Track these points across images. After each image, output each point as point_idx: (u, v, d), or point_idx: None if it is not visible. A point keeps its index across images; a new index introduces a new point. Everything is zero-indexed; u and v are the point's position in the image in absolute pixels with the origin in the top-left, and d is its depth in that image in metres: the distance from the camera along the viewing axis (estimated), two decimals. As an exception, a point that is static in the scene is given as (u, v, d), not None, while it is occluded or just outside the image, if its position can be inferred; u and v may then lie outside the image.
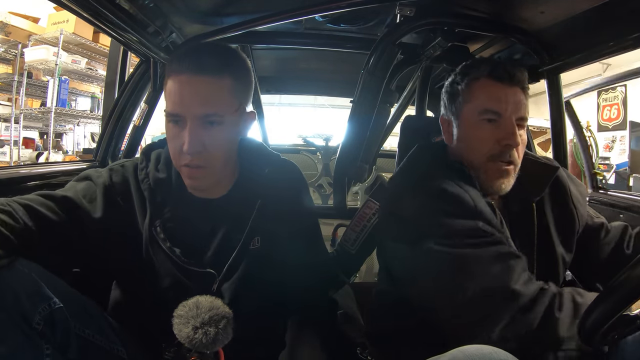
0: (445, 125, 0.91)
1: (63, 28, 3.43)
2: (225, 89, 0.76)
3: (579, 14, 0.91)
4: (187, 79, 0.74)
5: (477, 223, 0.75)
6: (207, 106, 0.74)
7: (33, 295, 0.62)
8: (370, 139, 1.12)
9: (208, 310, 0.71)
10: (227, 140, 0.79)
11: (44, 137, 4.18)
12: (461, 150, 0.88)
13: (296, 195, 0.91)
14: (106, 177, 0.83)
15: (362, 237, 1.08)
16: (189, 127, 0.74)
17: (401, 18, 1.03)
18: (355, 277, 1.12)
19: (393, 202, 0.87)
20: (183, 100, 0.74)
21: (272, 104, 5.59)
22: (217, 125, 0.76)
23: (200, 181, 0.79)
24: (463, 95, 0.86)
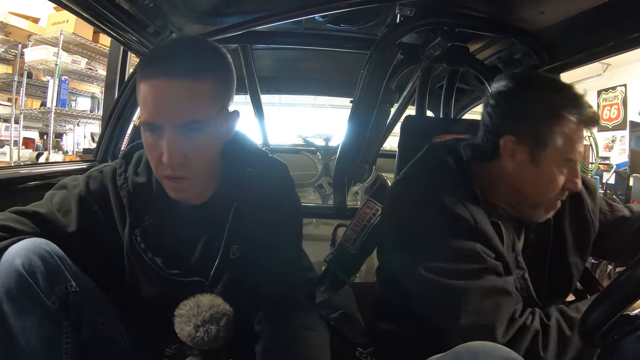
0: (510, 147, 0.76)
1: (63, 28, 3.43)
2: (205, 92, 0.69)
3: (579, 14, 0.91)
4: (163, 85, 0.67)
5: (475, 245, 0.72)
6: (186, 113, 0.68)
7: (52, 275, 0.63)
8: (370, 139, 1.12)
9: (209, 308, 0.71)
10: (211, 147, 0.74)
11: (44, 137, 4.17)
12: (515, 184, 0.78)
13: (278, 197, 0.82)
14: (82, 186, 0.79)
15: (362, 237, 1.08)
16: (167, 136, 0.67)
17: (401, 18, 1.04)
18: (355, 277, 1.11)
19: (394, 206, 0.85)
20: (159, 108, 0.67)
21: (272, 104, 5.59)
22: (198, 132, 0.69)
23: (186, 193, 0.74)
24: (546, 136, 0.73)
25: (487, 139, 0.79)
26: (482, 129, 0.81)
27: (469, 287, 0.70)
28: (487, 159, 0.80)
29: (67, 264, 0.66)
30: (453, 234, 0.73)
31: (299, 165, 2.20)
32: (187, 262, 0.79)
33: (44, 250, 0.64)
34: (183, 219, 0.79)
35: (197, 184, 0.75)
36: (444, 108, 1.49)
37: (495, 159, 0.79)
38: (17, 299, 0.61)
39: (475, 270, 0.71)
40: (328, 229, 1.74)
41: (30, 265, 0.62)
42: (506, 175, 0.78)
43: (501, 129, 0.77)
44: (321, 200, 2.16)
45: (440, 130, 1.20)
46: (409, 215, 0.79)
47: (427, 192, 0.78)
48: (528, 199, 0.78)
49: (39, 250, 0.63)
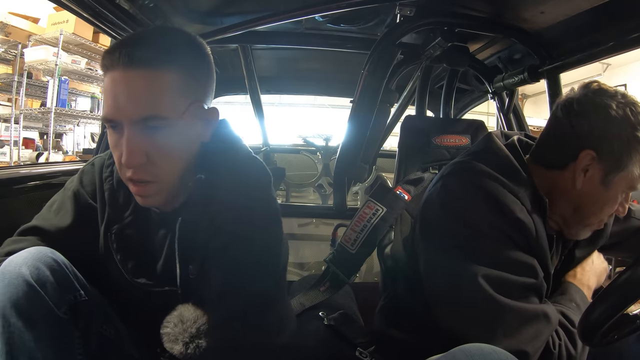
0: (586, 163, 0.72)
1: (63, 28, 3.43)
2: (169, 85, 0.62)
3: (579, 14, 0.91)
4: (121, 75, 0.61)
5: (532, 260, 0.69)
6: (145, 107, 0.61)
7: (61, 284, 0.61)
8: (370, 139, 1.11)
9: (193, 322, 0.65)
10: (178, 149, 0.65)
11: (44, 138, 4.17)
12: (577, 200, 0.74)
13: (240, 210, 0.67)
14: (76, 182, 0.77)
15: (362, 237, 1.08)
16: (126, 134, 0.61)
17: (401, 18, 1.04)
18: (355, 277, 1.11)
19: (447, 196, 0.76)
20: (117, 102, 0.61)
21: (272, 104, 5.58)
22: (161, 130, 0.62)
23: (151, 199, 0.67)
24: (627, 161, 0.70)
25: (563, 147, 0.74)
26: (556, 134, 0.76)
27: (514, 307, 0.66)
28: (553, 166, 0.76)
29: (73, 272, 0.64)
30: (511, 242, 0.69)
31: (299, 165, 2.20)
32: (154, 271, 0.73)
33: (50, 259, 0.61)
34: (153, 225, 0.73)
35: (164, 190, 0.66)
36: (444, 108, 1.49)
37: (563, 169, 0.74)
38: (27, 310, 0.57)
39: (524, 287, 0.68)
40: (328, 229, 1.74)
41: (38, 274, 0.59)
42: (570, 188, 0.74)
43: (583, 142, 0.71)
44: (321, 200, 2.16)
45: (440, 130, 1.20)
46: (465, 210, 0.72)
47: (490, 188, 0.71)
48: (584, 217, 0.76)
49: (46, 258, 0.61)
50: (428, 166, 1.21)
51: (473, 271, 0.67)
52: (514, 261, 0.68)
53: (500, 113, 1.40)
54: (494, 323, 0.66)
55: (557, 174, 0.75)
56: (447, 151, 1.18)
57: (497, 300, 0.66)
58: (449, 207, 0.74)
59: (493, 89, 1.28)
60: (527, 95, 6.09)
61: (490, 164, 0.74)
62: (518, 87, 1.23)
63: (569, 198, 0.75)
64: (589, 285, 0.82)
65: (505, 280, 0.67)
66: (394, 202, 1.10)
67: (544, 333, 0.66)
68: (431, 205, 0.78)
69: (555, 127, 0.77)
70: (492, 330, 0.65)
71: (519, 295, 0.67)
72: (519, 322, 0.65)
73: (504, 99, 1.34)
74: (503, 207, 0.69)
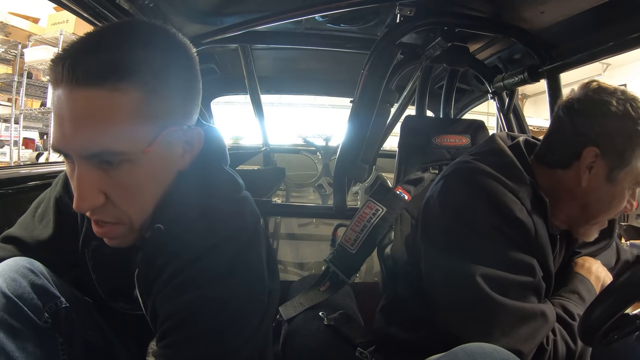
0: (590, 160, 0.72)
1: (63, 28, 3.43)
2: (126, 108, 0.48)
3: (579, 14, 0.91)
4: (65, 95, 0.48)
5: (532, 260, 0.69)
6: (94, 140, 0.48)
7: (40, 293, 0.60)
8: (370, 139, 1.11)
9: None
10: (145, 188, 0.54)
11: (44, 138, 4.17)
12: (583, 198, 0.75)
13: (206, 276, 0.53)
14: (59, 187, 0.71)
15: (362, 237, 1.08)
16: (76, 171, 0.50)
17: (401, 18, 1.03)
18: (355, 277, 1.11)
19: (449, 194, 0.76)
20: (63, 130, 0.48)
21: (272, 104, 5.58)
22: (121, 165, 0.50)
23: (119, 241, 0.58)
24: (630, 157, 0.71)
25: (566, 146, 0.75)
26: (559, 134, 0.77)
27: (511, 306, 0.66)
28: (558, 165, 0.76)
29: (53, 280, 0.63)
30: (509, 241, 0.69)
31: (299, 165, 2.20)
32: (131, 295, 0.65)
33: (26, 269, 0.60)
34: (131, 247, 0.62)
35: (134, 230, 0.57)
36: (444, 108, 1.49)
37: (567, 168, 0.75)
38: (7, 321, 0.57)
39: (522, 286, 0.68)
40: (328, 229, 1.74)
41: (14, 285, 0.58)
42: (576, 187, 0.74)
43: (586, 140, 0.72)
44: (321, 200, 2.16)
45: (440, 130, 1.20)
46: (464, 209, 0.72)
47: (490, 188, 0.71)
48: (590, 215, 0.76)
49: (21, 269, 0.60)
50: (428, 166, 1.21)
51: (471, 270, 0.68)
52: (512, 260, 0.69)
53: (500, 113, 1.40)
54: (491, 322, 0.66)
55: (561, 173, 0.76)
56: (447, 151, 1.18)
57: (494, 299, 0.66)
58: (448, 206, 0.75)
59: (493, 89, 1.28)
60: (527, 95, 6.09)
61: (492, 163, 0.75)
62: (518, 87, 1.23)
63: (575, 197, 0.75)
64: (597, 275, 0.81)
65: (503, 279, 0.67)
66: (394, 202, 1.10)
67: (541, 332, 0.67)
68: (431, 204, 0.79)
69: (557, 127, 0.78)
70: (489, 329, 0.66)
71: (516, 295, 0.67)
72: (516, 321, 0.66)
73: (504, 99, 1.34)
74: (502, 206, 0.69)
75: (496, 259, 0.68)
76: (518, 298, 0.67)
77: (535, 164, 0.79)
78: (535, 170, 0.77)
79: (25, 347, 0.57)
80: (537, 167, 0.78)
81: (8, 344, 0.56)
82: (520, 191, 0.71)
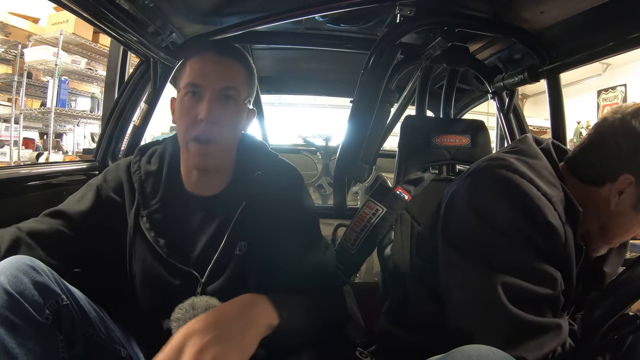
0: (623, 186, 0.71)
1: (63, 28, 3.43)
2: (242, 75, 0.82)
3: (579, 14, 0.91)
4: (212, 57, 0.80)
5: (556, 273, 0.66)
6: (228, 80, 0.79)
7: (41, 290, 0.62)
8: (370, 139, 1.12)
9: (204, 310, 0.69)
10: (237, 121, 0.81)
11: (44, 138, 4.17)
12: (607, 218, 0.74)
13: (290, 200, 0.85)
14: (100, 178, 0.87)
15: (362, 237, 1.08)
16: (208, 97, 0.77)
17: (401, 18, 1.03)
18: (356, 277, 1.11)
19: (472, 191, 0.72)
20: (206, 73, 0.78)
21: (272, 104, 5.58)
22: (232, 101, 0.79)
23: (209, 159, 0.79)
24: None
25: (604, 166, 0.73)
26: (600, 152, 0.74)
27: (524, 320, 0.63)
28: (591, 181, 0.74)
29: (54, 278, 0.65)
30: (535, 248, 0.65)
31: (299, 165, 2.19)
32: (188, 253, 0.81)
33: (28, 267, 0.62)
34: (189, 209, 0.83)
35: (220, 152, 0.80)
36: (444, 108, 1.49)
37: (599, 187, 0.73)
38: (8, 318, 0.59)
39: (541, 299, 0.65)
40: (328, 229, 1.74)
41: (16, 282, 0.60)
42: (603, 207, 0.73)
43: (626, 167, 0.71)
44: (321, 200, 2.16)
45: (440, 130, 1.20)
46: (493, 210, 0.69)
47: (523, 189, 0.67)
48: (607, 236, 0.76)
49: (23, 267, 0.62)
50: (428, 166, 1.21)
51: (490, 276, 0.65)
52: (535, 270, 0.65)
53: (500, 113, 1.40)
54: (501, 332, 0.64)
55: (592, 190, 0.74)
56: (447, 151, 1.18)
57: (509, 310, 0.64)
58: (475, 204, 0.71)
59: (493, 89, 1.28)
60: (527, 95, 6.09)
61: (527, 165, 0.71)
62: (518, 87, 1.23)
63: (599, 216, 0.74)
64: None
65: (522, 289, 0.64)
66: (394, 202, 1.10)
67: (549, 345, 0.64)
68: (457, 200, 0.75)
69: (600, 145, 0.74)
70: (497, 337, 0.63)
71: (532, 307, 0.64)
72: (526, 335, 0.64)
73: (504, 99, 1.34)
74: (535, 210, 0.66)
75: (519, 266, 0.65)
76: (534, 311, 0.64)
77: (566, 171, 0.76)
78: (566, 179, 0.74)
79: (25, 344, 0.59)
80: (568, 175, 0.76)
81: (8, 340, 0.58)
82: (554, 196, 0.68)
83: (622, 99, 4.97)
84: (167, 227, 0.82)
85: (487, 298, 0.65)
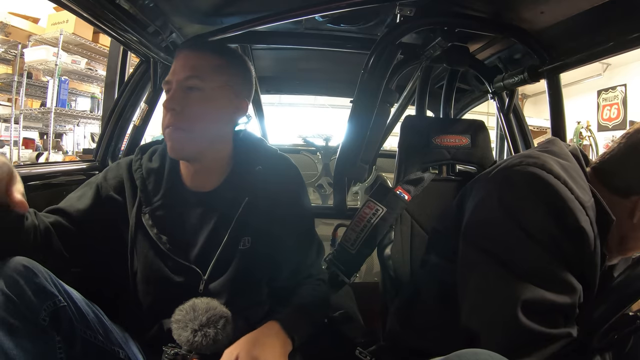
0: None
1: (63, 28, 3.43)
2: (211, 64, 0.83)
3: (579, 14, 0.91)
4: (181, 54, 0.85)
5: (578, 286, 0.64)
6: (189, 70, 0.81)
7: (38, 292, 0.62)
8: (370, 139, 1.11)
9: (205, 311, 0.70)
10: (205, 109, 0.81)
11: (43, 138, 4.18)
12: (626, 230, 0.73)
13: (290, 195, 0.90)
14: (100, 177, 0.89)
15: (362, 237, 1.08)
16: (173, 89, 0.81)
17: (401, 18, 1.03)
18: (355, 277, 1.11)
19: (512, 193, 0.68)
20: (174, 69, 0.83)
21: (272, 104, 5.59)
22: (196, 91, 0.81)
23: (180, 147, 0.81)
24: None
25: (634, 179, 0.72)
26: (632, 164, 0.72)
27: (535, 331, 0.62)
28: (618, 191, 0.73)
29: (52, 280, 0.65)
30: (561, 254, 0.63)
31: (299, 165, 2.19)
32: (190, 248, 0.83)
33: (25, 268, 0.62)
34: (189, 204, 0.85)
35: (191, 140, 0.81)
36: (444, 108, 1.49)
37: (625, 198, 0.72)
38: (5, 320, 0.59)
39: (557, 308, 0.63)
40: (328, 229, 1.74)
41: (13, 285, 0.60)
42: (626, 219, 0.72)
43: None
44: (321, 200, 2.16)
45: (441, 130, 1.20)
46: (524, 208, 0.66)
47: (558, 191, 0.64)
48: (625, 248, 0.76)
49: (20, 268, 0.62)
50: (428, 166, 1.21)
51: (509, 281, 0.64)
52: (556, 276, 0.64)
53: (500, 113, 1.40)
54: (508, 338, 0.63)
55: (617, 200, 0.72)
56: (447, 151, 1.18)
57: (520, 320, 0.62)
58: (506, 202, 0.68)
59: (493, 89, 1.28)
60: (527, 95, 6.09)
61: (561, 166, 0.69)
62: (518, 87, 1.23)
63: (620, 227, 0.72)
64: None
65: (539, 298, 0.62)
66: (394, 202, 1.10)
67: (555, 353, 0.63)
68: (485, 196, 0.72)
69: (632, 157, 0.73)
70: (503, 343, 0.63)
71: (546, 317, 0.63)
72: (534, 345, 0.63)
73: (504, 99, 1.34)
74: (568, 213, 0.63)
75: (540, 272, 0.63)
76: (547, 321, 0.63)
77: (593, 178, 0.75)
78: (594, 186, 0.72)
79: (22, 345, 0.59)
80: (595, 183, 0.73)
81: (6, 341, 0.57)
82: (587, 202, 0.65)
83: (622, 99, 4.97)
84: (169, 223, 0.83)
85: (501, 304, 0.63)
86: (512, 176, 0.69)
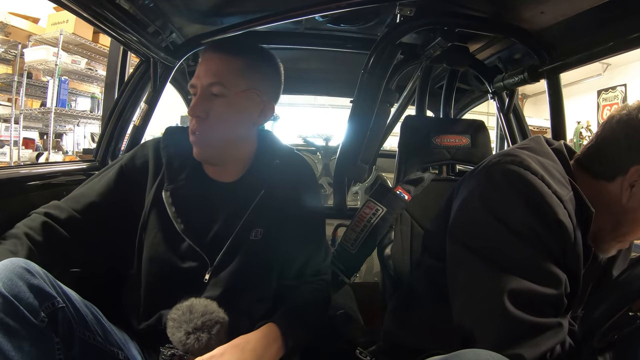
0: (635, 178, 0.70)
1: (63, 28, 3.43)
2: (235, 67, 0.82)
3: (579, 14, 0.91)
4: (206, 56, 0.84)
5: (562, 275, 0.65)
6: (212, 76, 0.81)
7: (36, 293, 0.61)
8: (370, 139, 1.11)
9: (201, 315, 0.70)
10: (229, 116, 0.82)
11: (44, 138, 4.18)
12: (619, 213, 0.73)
13: (304, 191, 0.92)
14: (126, 158, 0.90)
15: (362, 237, 1.08)
16: (198, 94, 0.81)
17: (401, 18, 1.04)
18: (355, 277, 1.11)
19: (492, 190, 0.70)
20: (199, 73, 0.82)
21: (272, 104, 5.58)
22: (220, 97, 0.81)
23: (204, 152, 0.83)
24: None
25: (615, 160, 0.72)
26: (610, 146, 0.74)
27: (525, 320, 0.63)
28: (602, 177, 0.73)
29: (50, 281, 0.65)
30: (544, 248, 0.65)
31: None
32: (204, 233, 0.84)
33: (23, 269, 0.62)
34: (209, 193, 0.87)
35: (212, 145, 0.83)
36: (444, 108, 1.49)
37: (611, 182, 0.72)
38: (4, 321, 0.58)
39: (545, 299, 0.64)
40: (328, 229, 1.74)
41: (11, 286, 0.60)
42: (615, 202, 0.72)
43: (636, 157, 0.70)
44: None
45: (441, 130, 1.20)
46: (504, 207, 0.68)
47: (536, 186, 0.66)
48: (620, 233, 0.75)
49: (18, 269, 0.62)
50: (428, 166, 1.21)
51: (495, 274, 0.65)
52: (540, 268, 0.65)
53: (500, 113, 1.40)
54: (500, 331, 0.64)
55: (603, 185, 0.73)
56: (447, 151, 1.18)
57: (509, 311, 0.63)
58: (487, 200, 0.70)
59: (493, 89, 1.29)
60: (527, 95, 6.09)
61: (538, 162, 0.71)
62: (518, 87, 1.23)
63: (611, 212, 0.73)
64: None
65: (525, 289, 0.64)
66: (394, 202, 1.10)
67: (548, 343, 0.64)
68: (467, 196, 0.74)
69: (610, 140, 0.74)
70: (496, 337, 0.63)
71: (534, 307, 0.64)
72: (525, 334, 0.63)
73: (504, 99, 1.34)
74: (546, 207, 0.65)
75: (525, 265, 0.65)
76: (535, 311, 0.64)
77: (577, 170, 0.76)
78: (577, 177, 0.74)
79: (21, 347, 0.58)
80: (579, 173, 0.75)
81: (4, 343, 0.57)
82: (564, 195, 0.67)
83: (622, 99, 4.97)
84: (188, 204, 0.84)
85: (490, 298, 0.65)
86: (492, 174, 0.72)
